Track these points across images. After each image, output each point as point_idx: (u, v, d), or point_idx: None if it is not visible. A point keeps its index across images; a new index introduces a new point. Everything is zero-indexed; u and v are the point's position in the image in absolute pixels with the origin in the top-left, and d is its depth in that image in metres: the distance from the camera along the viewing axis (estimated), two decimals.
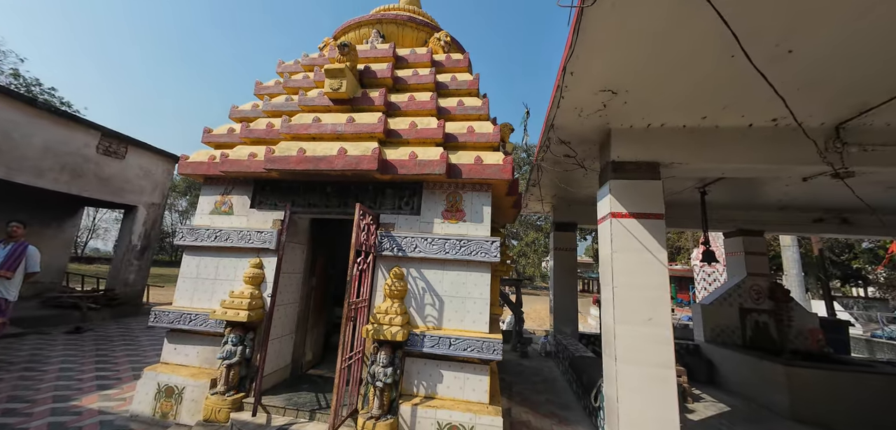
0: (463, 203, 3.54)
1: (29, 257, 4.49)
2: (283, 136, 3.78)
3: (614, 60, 2.66)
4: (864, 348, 10.00)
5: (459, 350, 3.15)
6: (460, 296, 3.36)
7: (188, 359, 3.64)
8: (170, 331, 3.71)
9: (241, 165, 3.69)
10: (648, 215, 3.48)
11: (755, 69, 2.34)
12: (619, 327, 3.32)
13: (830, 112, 3.22)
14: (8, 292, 4.32)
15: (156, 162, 8.86)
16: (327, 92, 3.81)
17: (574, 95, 3.11)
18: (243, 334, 3.43)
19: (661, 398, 3.15)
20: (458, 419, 2.99)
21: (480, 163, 3.41)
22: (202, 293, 3.78)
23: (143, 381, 3.46)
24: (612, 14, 2.19)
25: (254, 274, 3.62)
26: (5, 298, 4.30)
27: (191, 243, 3.83)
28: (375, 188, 3.70)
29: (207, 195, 4.03)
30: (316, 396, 3.55)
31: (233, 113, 4.42)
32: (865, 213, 6.07)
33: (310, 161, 3.42)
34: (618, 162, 3.62)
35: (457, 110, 3.91)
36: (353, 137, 3.64)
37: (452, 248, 3.37)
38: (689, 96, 3.10)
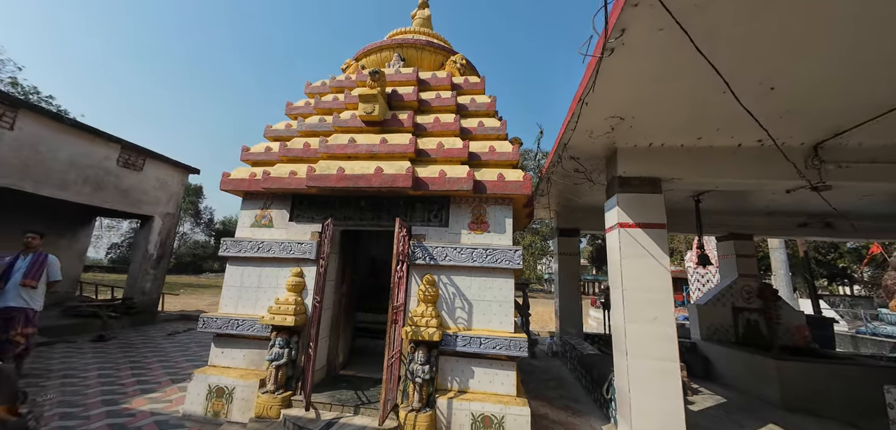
0: (487, 216, 3.92)
1: (50, 265, 4.54)
2: (321, 155, 4.13)
3: (623, 95, 3.08)
4: (850, 343, 10.58)
5: (489, 348, 3.53)
6: (487, 299, 3.74)
7: (235, 361, 3.95)
8: (217, 336, 4.02)
9: (282, 182, 4.03)
10: (652, 225, 3.91)
11: (742, 107, 2.77)
12: (628, 326, 3.72)
13: (809, 134, 3.69)
14: (34, 302, 4.38)
15: (171, 173, 9.10)
16: (361, 115, 4.18)
17: (586, 121, 3.53)
18: (289, 337, 3.76)
19: (667, 388, 3.55)
20: (489, 410, 3.35)
21: (503, 180, 3.81)
22: (246, 301, 4.09)
23: (193, 383, 3.76)
24: (624, 61, 2.61)
25: (296, 282, 3.95)
26: (32, 308, 4.35)
27: (234, 254, 4.15)
28: (406, 202, 4.07)
29: (248, 209, 4.36)
30: (355, 393, 3.88)
31: (267, 132, 4.76)
32: (842, 218, 6.61)
33: (349, 179, 3.78)
34: (624, 177, 4.05)
35: (477, 131, 4.31)
36: (386, 157, 4.01)
37: (479, 256, 3.75)
38: (686, 122, 3.54)
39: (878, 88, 2.87)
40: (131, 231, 42.05)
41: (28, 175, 6.57)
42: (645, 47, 2.45)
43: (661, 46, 2.43)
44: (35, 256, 4.46)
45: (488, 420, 3.33)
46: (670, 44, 2.41)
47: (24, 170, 6.52)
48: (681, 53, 2.50)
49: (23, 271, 4.30)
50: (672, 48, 2.46)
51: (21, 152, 6.47)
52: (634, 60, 2.59)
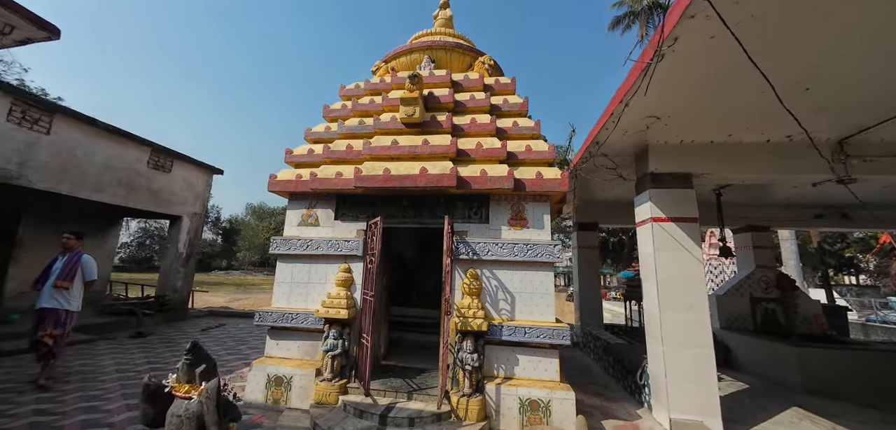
0: (525, 212, 4.12)
1: (84, 265, 4.51)
2: (365, 156, 4.33)
3: (665, 97, 3.25)
4: (860, 331, 10.77)
5: (533, 338, 3.74)
6: (529, 291, 3.95)
7: (290, 352, 4.18)
8: (271, 329, 4.25)
9: (329, 183, 4.23)
10: (684, 219, 4.09)
11: (785, 109, 2.93)
12: (663, 315, 3.92)
13: (835, 131, 3.85)
14: (69, 303, 4.32)
15: (197, 174, 9.33)
16: (402, 118, 4.36)
17: (625, 121, 3.71)
18: (341, 329, 3.99)
19: (702, 373, 3.76)
20: (536, 395, 3.57)
21: (541, 178, 3.99)
22: (297, 296, 4.32)
23: (253, 372, 4.00)
24: (672, 66, 2.78)
25: (345, 278, 4.17)
26: (66, 309, 4.29)
27: (284, 252, 4.37)
28: (447, 201, 4.26)
29: (294, 209, 4.57)
30: (403, 380, 4.11)
31: (308, 135, 4.96)
32: (863, 208, 6.76)
33: (395, 179, 3.98)
34: (656, 174, 4.22)
35: (512, 130, 4.49)
36: (428, 157, 4.20)
37: (520, 251, 3.96)
38: (720, 120, 3.71)
39: None
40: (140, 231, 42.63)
41: (66, 178, 6.80)
42: (694, 53, 2.62)
43: (709, 52, 2.60)
44: (70, 256, 4.46)
45: (535, 404, 3.55)
46: (718, 50, 2.58)
47: (63, 173, 6.75)
48: (726, 58, 2.67)
49: (58, 272, 4.32)
50: (719, 53, 2.63)
51: (60, 156, 6.70)
52: (681, 65, 2.77)
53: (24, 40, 2.56)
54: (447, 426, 3.38)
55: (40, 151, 6.44)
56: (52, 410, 3.68)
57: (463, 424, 3.45)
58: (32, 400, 3.89)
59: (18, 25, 2.44)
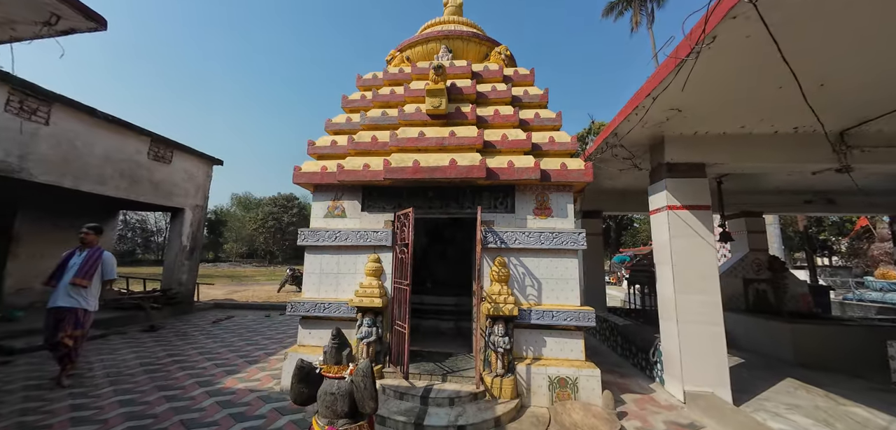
0: (550, 202, 4.28)
1: (105, 263, 4.38)
2: (392, 148, 4.39)
3: (690, 90, 3.41)
4: (838, 309, 11.52)
5: (560, 320, 3.95)
6: (555, 277, 4.14)
7: (322, 341, 4.28)
8: (303, 318, 4.34)
9: (357, 175, 4.28)
10: (698, 207, 4.33)
11: (807, 105, 3.12)
12: (679, 297, 4.19)
13: (838, 123, 4.12)
14: (87, 302, 4.16)
15: (198, 165, 9.13)
16: (428, 109, 4.42)
17: (648, 114, 3.88)
18: (374, 317, 4.11)
19: (714, 348, 4.07)
20: (564, 373, 3.80)
21: (566, 168, 4.15)
22: (327, 285, 4.41)
23: (288, 362, 4.10)
24: (704, 63, 2.93)
25: (375, 268, 4.27)
26: (84, 308, 4.14)
27: (312, 243, 4.42)
28: (473, 191, 4.38)
29: (320, 201, 4.61)
30: (434, 364, 4.28)
31: (328, 126, 4.96)
32: (848, 194, 7.22)
33: (424, 171, 4.06)
34: (671, 164, 4.43)
35: (535, 122, 4.61)
36: (455, 149, 4.29)
37: (546, 239, 4.13)
38: (737, 113, 3.92)
39: None
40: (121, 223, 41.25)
41: (68, 171, 6.60)
42: (728, 52, 2.78)
43: (741, 51, 2.77)
44: (89, 252, 4.30)
45: (563, 381, 3.79)
46: (748, 48, 2.74)
47: (65, 166, 6.55)
48: (756, 56, 2.85)
49: (76, 268, 4.13)
50: (748, 52, 2.80)
51: (60, 148, 6.49)
52: (712, 62, 2.92)
53: (68, 30, 2.51)
54: (484, 404, 3.58)
55: (40, 143, 6.22)
56: (89, 405, 3.71)
57: (498, 401, 3.66)
58: (66, 396, 3.90)
59: (65, 15, 2.39)
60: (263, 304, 10.76)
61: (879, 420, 3.76)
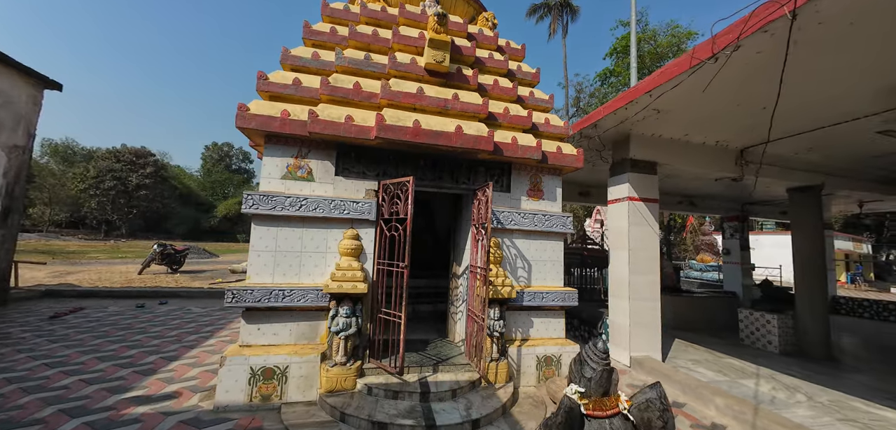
0: (542, 184, 4.25)
1: None
2: (383, 101, 3.60)
3: (676, 93, 3.78)
4: (684, 285, 15.63)
5: (549, 301, 4.02)
6: (543, 259, 4.17)
7: (280, 338, 3.32)
8: (249, 311, 3.25)
9: (335, 128, 3.36)
10: (651, 200, 4.98)
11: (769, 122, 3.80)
12: (632, 277, 4.78)
13: (741, 141, 5.27)
14: None
15: (18, 85, 5.89)
16: (428, 63, 3.76)
17: (632, 110, 4.17)
18: (353, 305, 3.39)
19: (653, 320, 4.82)
20: (550, 352, 3.91)
21: (561, 152, 4.16)
22: (286, 268, 3.40)
23: (227, 369, 3.04)
24: (712, 69, 3.23)
25: (354, 246, 3.50)
26: None
27: (265, 211, 3.32)
28: (468, 166, 4.00)
29: (275, 156, 3.48)
30: (418, 354, 3.84)
31: (286, 59, 3.75)
32: (706, 198, 9.62)
33: (426, 135, 3.47)
34: (634, 160, 4.96)
35: (530, 100, 4.47)
36: (457, 115, 3.80)
37: (539, 221, 4.10)
38: (690, 120, 4.58)
39: (788, 123, 4.37)
40: None
41: None
42: (737, 62, 3.11)
43: (746, 63, 3.12)
44: None
45: (549, 360, 3.90)
46: (748, 63, 3.13)
47: None
48: (743, 70, 3.27)
49: None
50: (744, 66, 3.19)
51: None
52: (719, 70, 3.25)
53: None
54: (485, 392, 3.39)
55: None
56: None
57: (496, 387, 3.51)
58: None
59: None
60: (127, 289, 8.03)
61: (749, 367, 5.14)
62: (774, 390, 4.39)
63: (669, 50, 20.97)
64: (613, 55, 21.83)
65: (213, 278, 11.58)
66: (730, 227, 10.57)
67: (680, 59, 3.33)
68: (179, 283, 9.87)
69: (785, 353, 6.15)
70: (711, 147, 5.37)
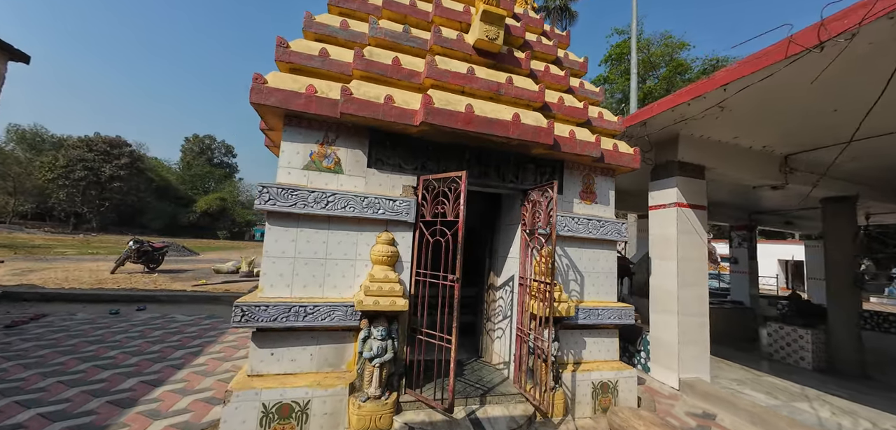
0: (595, 186, 3.78)
1: None
2: (427, 81, 3.03)
3: (750, 94, 3.38)
4: None
5: (605, 319, 3.54)
6: (596, 271, 3.69)
7: (298, 364, 2.69)
8: (260, 332, 2.62)
9: (373, 110, 2.77)
10: (699, 207, 4.60)
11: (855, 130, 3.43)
12: (680, 291, 4.37)
13: (786, 148, 4.96)
14: None
15: None
16: (479, 40, 3.21)
17: (697, 106, 3.76)
18: (389, 325, 2.80)
19: (701, 337, 4.42)
20: (606, 377, 3.43)
21: (617, 151, 3.69)
22: (307, 278, 2.78)
23: (234, 407, 2.40)
24: (796, 65, 2.83)
25: (389, 253, 2.91)
26: None
27: (284, 208, 2.70)
28: (516, 162, 3.48)
29: (296, 141, 2.85)
30: (456, 380, 3.27)
31: (310, 25, 3.12)
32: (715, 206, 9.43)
33: (479, 123, 2.92)
34: (682, 162, 4.56)
35: (579, 91, 3.98)
36: (511, 102, 3.27)
37: (593, 227, 3.62)
38: (750, 123, 4.20)
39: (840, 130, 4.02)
40: None
41: None
42: (830, 56, 2.71)
43: (845, 57, 2.73)
44: None
45: (606, 386, 3.42)
46: (854, 56, 2.73)
47: None
48: (846, 64, 2.87)
49: None
50: (849, 60, 2.78)
51: None
52: (798, 68, 2.85)
53: None
54: (542, 428, 2.86)
55: None
56: None
57: (553, 422, 3.00)
58: None
59: None
60: (98, 292, 7.12)
61: (792, 387, 4.81)
62: (835, 415, 4.06)
63: (662, 59, 21.14)
64: (608, 62, 21.84)
65: (196, 278, 10.63)
66: (738, 236, 10.44)
67: (772, 48, 2.91)
68: (158, 284, 8.93)
69: (818, 369, 5.91)
70: (757, 152, 5.04)
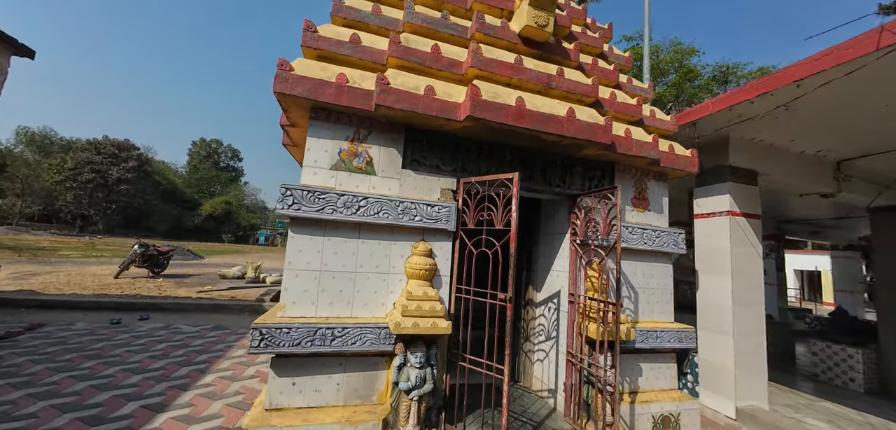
0: (648, 191, 3.40)
1: None
2: (471, 71, 2.68)
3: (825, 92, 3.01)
4: None
5: (664, 343, 3.14)
6: (650, 287, 3.30)
7: (323, 396, 2.31)
8: (280, 358, 2.24)
9: (411, 102, 2.42)
10: (753, 216, 4.20)
11: None
12: (736, 309, 3.95)
13: (841, 153, 4.55)
14: None
15: None
16: (526, 27, 2.86)
17: (761, 106, 3.38)
18: (427, 350, 2.42)
19: (758, 360, 3.99)
20: (667, 410, 3.02)
21: (673, 153, 3.32)
22: (334, 294, 2.41)
23: None
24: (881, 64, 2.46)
25: (427, 266, 2.54)
26: None
27: (310, 213, 2.33)
28: (563, 164, 3.11)
29: (324, 137, 2.50)
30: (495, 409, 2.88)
31: (339, 9, 2.79)
32: None
33: (533, 119, 2.56)
34: (734, 167, 4.17)
35: (627, 87, 3.63)
36: (562, 96, 2.91)
37: (648, 238, 3.24)
38: (811, 126, 3.82)
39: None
40: None
41: None
42: None
43: None
44: None
45: (667, 420, 3.01)
46: None
47: None
48: None
49: None
50: None
51: None
52: (891, 61, 2.48)
53: None
54: None
55: None
56: None
57: None
58: None
59: None
60: (100, 299, 6.79)
61: (854, 415, 4.36)
62: None
63: (671, 66, 20.84)
64: None
65: (201, 284, 10.29)
66: (765, 246, 9.97)
67: (861, 37, 2.54)
68: (162, 290, 8.59)
69: (870, 392, 5.42)
70: (810, 157, 4.64)
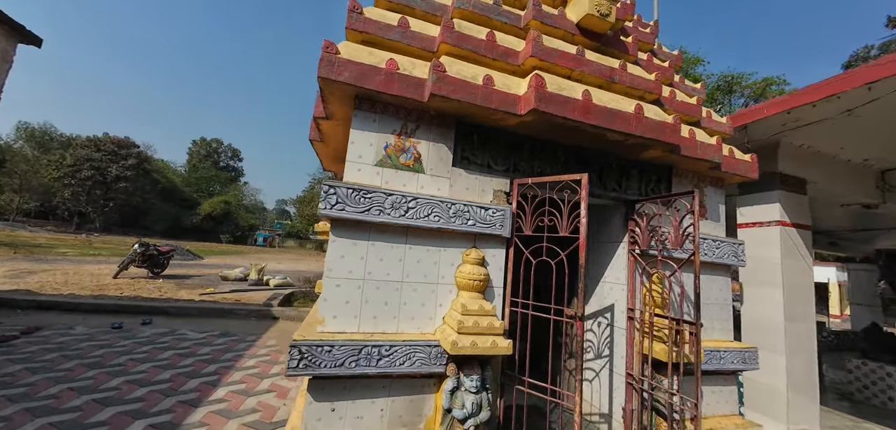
0: (705, 198, 3.15)
1: None
2: (528, 62, 2.42)
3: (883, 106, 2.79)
4: None
5: (727, 364, 2.87)
6: (709, 302, 3.04)
7: (365, 424, 2.02)
8: (318, 380, 1.95)
9: (470, 91, 2.16)
10: (804, 227, 3.97)
11: None
12: (788, 325, 3.70)
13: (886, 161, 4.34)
14: None
15: None
16: (589, 16, 2.62)
17: (824, 109, 3.16)
18: (481, 372, 2.14)
19: (810, 379, 3.73)
20: None
21: (733, 158, 3.08)
22: (379, 307, 2.13)
23: None
24: None
25: (480, 276, 2.26)
26: None
27: (355, 214, 2.06)
28: (620, 166, 2.86)
29: (370, 130, 2.24)
30: None
31: None
32: None
33: (600, 115, 2.30)
34: (784, 174, 3.94)
35: (679, 86, 3.40)
36: (622, 91, 2.67)
37: (708, 249, 2.98)
38: (867, 133, 3.60)
39: None
40: None
41: None
42: None
43: None
44: None
45: None
46: None
47: None
48: None
49: None
50: None
51: None
52: None
53: None
54: None
55: None
56: None
57: None
58: None
59: None
60: (99, 301, 6.45)
61: None
62: None
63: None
64: None
65: (203, 286, 9.95)
66: None
67: None
68: (163, 292, 8.25)
69: None
70: (856, 166, 4.43)
